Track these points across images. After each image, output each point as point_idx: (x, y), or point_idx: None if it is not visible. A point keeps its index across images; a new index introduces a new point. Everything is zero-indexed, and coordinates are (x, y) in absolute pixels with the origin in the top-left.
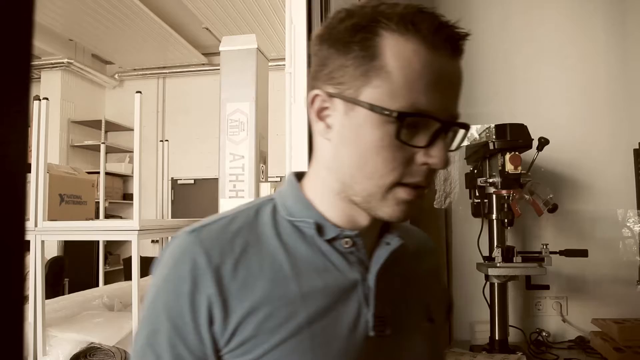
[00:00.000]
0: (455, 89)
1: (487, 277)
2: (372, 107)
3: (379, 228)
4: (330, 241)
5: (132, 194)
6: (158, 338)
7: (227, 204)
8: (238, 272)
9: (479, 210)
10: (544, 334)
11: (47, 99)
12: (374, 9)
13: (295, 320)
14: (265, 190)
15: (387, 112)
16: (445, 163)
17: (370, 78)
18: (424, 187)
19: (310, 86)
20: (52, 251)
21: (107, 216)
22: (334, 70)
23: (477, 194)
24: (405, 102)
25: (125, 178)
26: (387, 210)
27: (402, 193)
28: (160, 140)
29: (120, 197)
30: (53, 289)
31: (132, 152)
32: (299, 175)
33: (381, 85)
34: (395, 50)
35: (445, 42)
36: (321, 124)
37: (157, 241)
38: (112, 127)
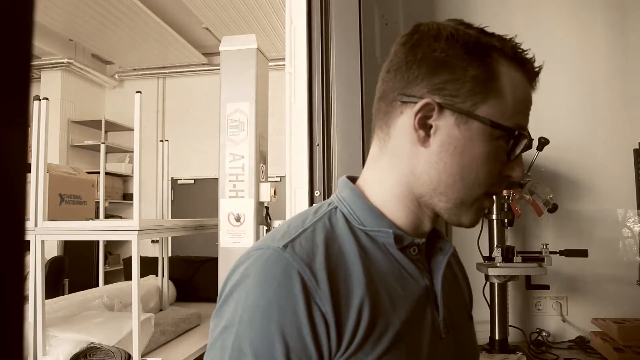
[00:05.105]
0: None
1: (487, 277)
2: (492, 124)
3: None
4: (402, 249)
5: (132, 194)
6: None
7: (227, 204)
8: (340, 286)
9: None
10: (544, 333)
11: (47, 99)
12: (485, 35)
13: (393, 329)
14: (265, 190)
15: (509, 130)
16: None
17: (488, 97)
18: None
19: (399, 91)
20: (52, 251)
21: (107, 216)
22: (447, 83)
23: None
24: (511, 123)
25: (125, 178)
26: (470, 217)
27: (486, 202)
28: (160, 140)
29: (120, 197)
30: (53, 289)
31: (132, 152)
32: (352, 179)
33: (496, 105)
34: (509, 76)
35: (535, 79)
36: (421, 132)
37: (157, 241)
38: (112, 127)
